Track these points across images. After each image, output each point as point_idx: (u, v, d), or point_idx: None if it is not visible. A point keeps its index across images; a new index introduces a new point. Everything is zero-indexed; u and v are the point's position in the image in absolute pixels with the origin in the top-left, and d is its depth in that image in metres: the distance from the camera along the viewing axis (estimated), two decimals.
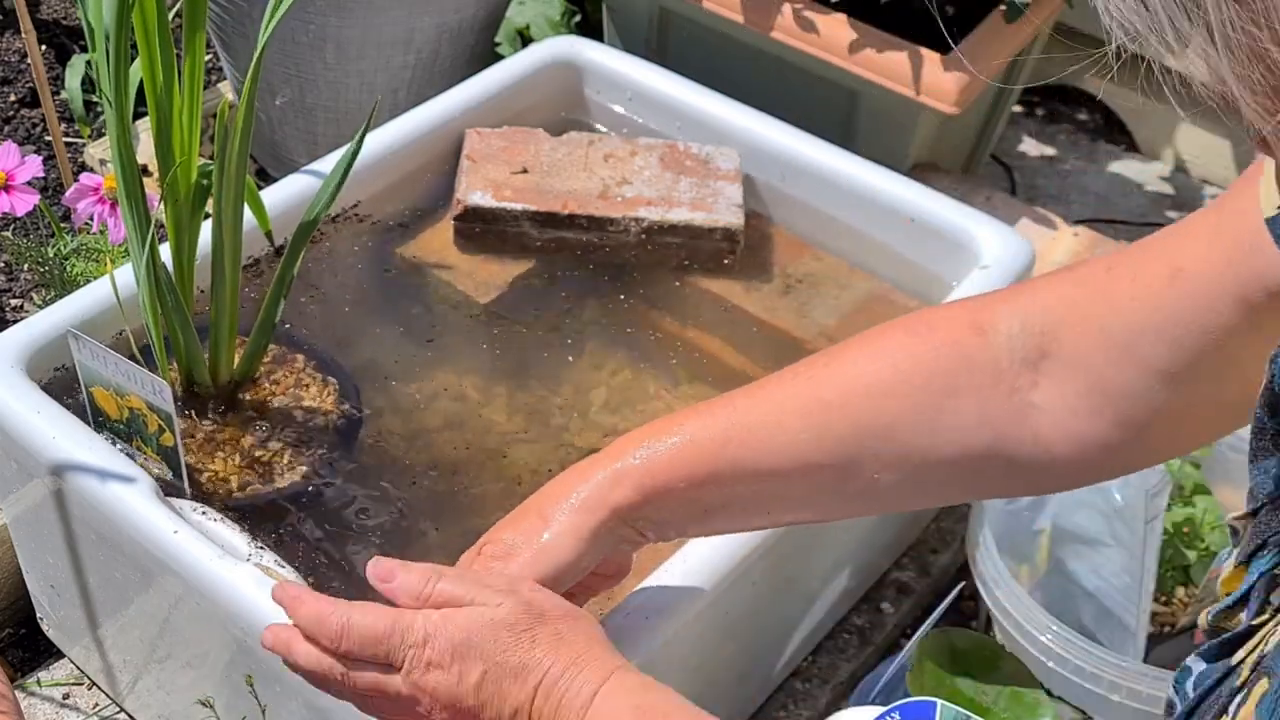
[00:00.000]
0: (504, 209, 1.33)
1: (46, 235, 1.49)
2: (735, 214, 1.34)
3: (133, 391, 1.01)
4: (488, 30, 1.72)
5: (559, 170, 1.37)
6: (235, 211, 1.03)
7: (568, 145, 1.40)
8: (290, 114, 1.68)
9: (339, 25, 1.58)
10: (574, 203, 1.34)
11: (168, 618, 1.05)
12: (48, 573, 1.18)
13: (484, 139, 1.38)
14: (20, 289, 1.56)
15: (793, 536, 1.05)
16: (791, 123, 1.40)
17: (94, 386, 1.04)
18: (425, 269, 1.31)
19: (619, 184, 1.36)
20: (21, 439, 1.05)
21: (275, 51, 1.62)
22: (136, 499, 1.00)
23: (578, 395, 1.20)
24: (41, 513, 1.09)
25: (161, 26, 0.96)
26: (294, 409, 1.13)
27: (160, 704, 1.16)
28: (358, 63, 1.62)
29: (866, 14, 1.63)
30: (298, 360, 1.18)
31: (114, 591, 1.10)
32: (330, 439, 1.12)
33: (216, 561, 0.96)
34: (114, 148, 0.99)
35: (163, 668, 1.12)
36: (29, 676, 1.26)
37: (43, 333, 1.11)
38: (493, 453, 1.15)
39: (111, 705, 1.24)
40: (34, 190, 1.26)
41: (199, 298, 1.12)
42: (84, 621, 1.17)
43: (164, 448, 1.03)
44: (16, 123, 1.82)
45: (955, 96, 1.58)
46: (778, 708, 1.26)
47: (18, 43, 1.90)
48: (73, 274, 1.33)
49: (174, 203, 1.03)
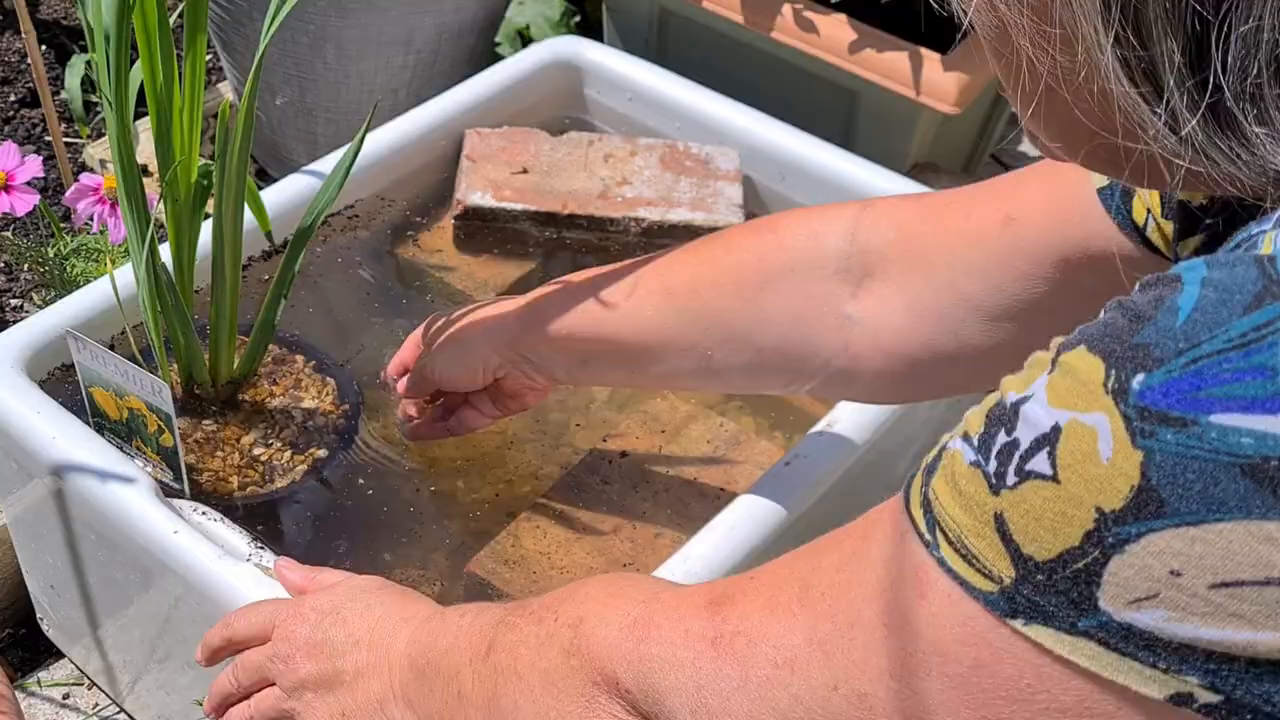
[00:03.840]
0: (504, 209, 1.33)
1: (46, 235, 1.49)
2: (735, 214, 1.34)
3: (132, 392, 1.01)
4: (488, 30, 1.72)
5: (559, 170, 1.37)
6: (235, 212, 1.03)
7: (568, 145, 1.40)
8: (290, 114, 1.68)
9: (339, 25, 1.58)
10: (574, 203, 1.34)
11: (168, 618, 1.05)
12: (48, 573, 1.18)
13: (484, 139, 1.38)
14: (20, 289, 1.56)
15: (793, 535, 1.05)
16: (791, 123, 1.40)
17: (93, 387, 1.04)
18: (425, 269, 1.31)
19: (619, 184, 1.36)
20: (21, 439, 1.05)
21: (275, 51, 1.62)
22: (136, 499, 1.00)
23: (579, 393, 1.20)
24: (41, 513, 1.09)
25: (162, 27, 0.96)
26: (293, 409, 1.13)
27: (160, 704, 1.16)
28: (358, 63, 1.62)
29: (866, 14, 1.63)
30: (297, 360, 1.18)
31: (114, 591, 1.10)
32: (329, 439, 1.12)
33: (216, 561, 0.96)
34: (114, 148, 0.99)
35: (163, 668, 1.12)
36: (29, 676, 1.26)
37: (43, 333, 1.11)
38: (493, 451, 1.15)
39: (111, 705, 1.24)
40: (34, 190, 1.26)
41: (199, 297, 1.12)
42: (84, 621, 1.17)
43: (163, 448, 1.03)
44: (16, 123, 1.82)
45: (955, 96, 1.58)
46: None
47: (18, 43, 1.90)
48: (73, 274, 1.33)
49: (174, 203, 1.03)
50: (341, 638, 0.82)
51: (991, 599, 0.49)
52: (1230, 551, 0.44)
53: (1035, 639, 0.48)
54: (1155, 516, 0.45)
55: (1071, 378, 0.48)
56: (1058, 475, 0.47)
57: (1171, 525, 0.45)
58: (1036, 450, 0.48)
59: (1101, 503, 0.46)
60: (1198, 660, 0.46)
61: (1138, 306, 0.48)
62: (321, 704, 0.82)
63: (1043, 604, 0.48)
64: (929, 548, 0.52)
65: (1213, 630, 0.45)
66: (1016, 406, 0.50)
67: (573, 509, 1.11)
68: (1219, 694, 0.46)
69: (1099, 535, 0.46)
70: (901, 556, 0.53)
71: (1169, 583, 0.45)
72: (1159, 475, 0.45)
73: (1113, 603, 0.47)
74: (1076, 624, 0.47)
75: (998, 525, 0.49)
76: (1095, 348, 0.48)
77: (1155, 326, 0.46)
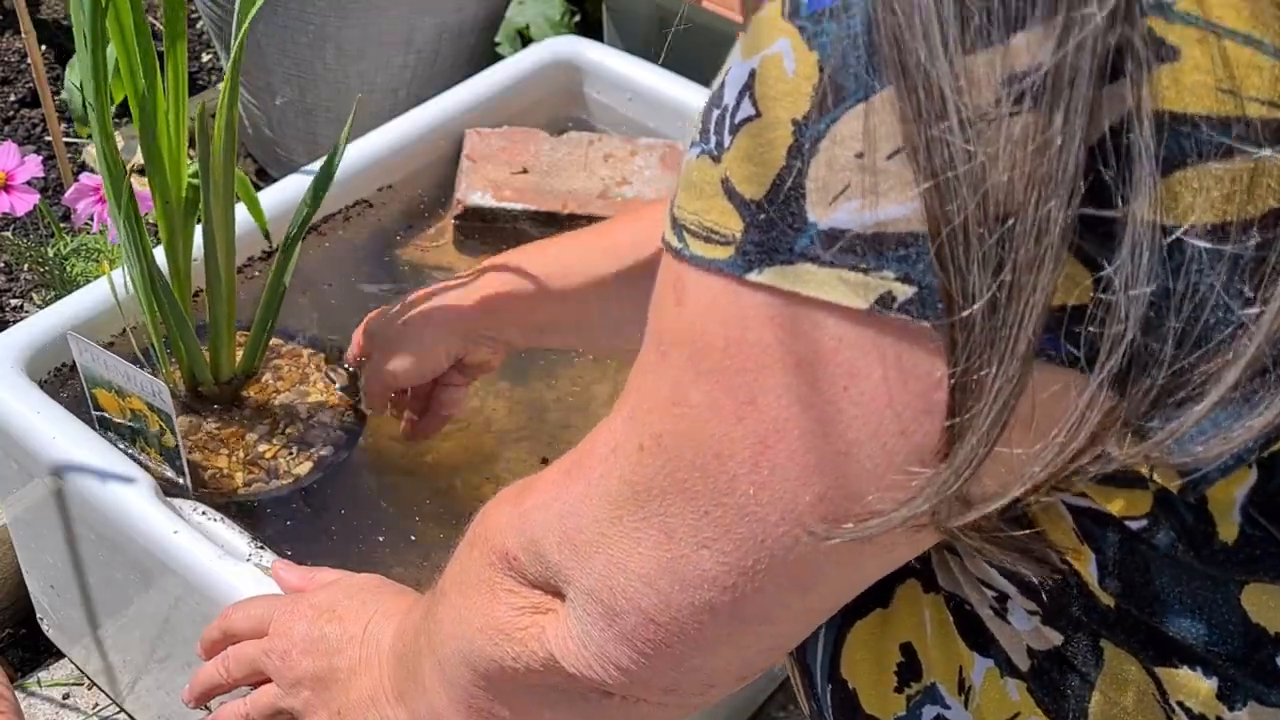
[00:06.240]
0: (504, 209, 1.33)
1: (46, 235, 1.49)
2: None
3: (133, 392, 1.01)
4: (488, 30, 1.72)
5: (559, 170, 1.37)
6: (226, 212, 1.03)
7: (568, 145, 1.39)
8: (290, 114, 1.68)
9: (339, 25, 1.58)
10: (574, 203, 1.34)
11: (168, 618, 1.05)
12: (48, 573, 1.18)
13: (484, 139, 1.38)
14: (20, 289, 1.56)
15: None
16: None
17: (96, 388, 1.04)
18: (425, 269, 1.31)
19: (619, 184, 1.36)
20: (21, 439, 1.05)
21: (275, 51, 1.62)
22: (136, 499, 1.00)
23: (581, 392, 1.20)
24: (41, 513, 1.09)
25: (139, 28, 0.96)
26: (299, 404, 1.14)
27: (160, 704, 1.16)
28: (358, 63, 1.62)
29: None
30: (303, 354, 1.18)
31: (114, 591, 1.10)
32: (334, 434, 1.12)
33: (216, 561, 0.96)
34: (98, 150, 0.99)
35: (163, 668, 1.12)
36: (29, 676, 1.26)
37: (43, 333, 1.11)
38: (494, 450, 1.15)
39: (111, 705, 1.24)
40: (34, 190, 1.26)
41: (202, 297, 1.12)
42: (84, 621, 1.17)
43: (166, 448, 1.03)
44: (16, 123, 1.82)
45: None
46: (778, 708, 1.26)
47: (18, 43, 1.90)
48: (73, 274, 1.33)
49: (165, 204, 1.03)
50: (337, 635, 0.82)
51: (729, 262, 0.50)
52: (901, 115, 0.45)
53: (767, 283, 0.49)
54: (836, 105, 0.46)
55: (754, 26, 0.49)
56: (758, 109, 0.49)
57: (848, 107, 0.46)
58: (740, 101, 0.50)
59: (795, 113, 0.47)
60: (890, 249, 0.47)
61: None
62: (319, 701, 0.82)
63: (766, 241, 0.49)
64: (679, 254, 0.52)
65: (895, 207, 0.46)
66: (721, 82, 0.51)
67: None
68: (912, 285, 0.47)
69: (798, 145, 0.47)
70: (664, 279, 0.54)
71: (855, 166, 0.46)
72: (831, 66, 0.46)
73: (816, 209, 0.47)
74: (794, 248, 0.48)
75: (724, 188, 0.50)
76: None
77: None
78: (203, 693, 0.90)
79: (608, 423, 0.60)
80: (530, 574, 0.65)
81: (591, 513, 0.60)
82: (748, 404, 0.52)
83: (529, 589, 0.66)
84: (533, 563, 0.65)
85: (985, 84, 0.44)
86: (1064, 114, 0.43)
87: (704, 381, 0.53)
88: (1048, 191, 0.44)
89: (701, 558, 0.56)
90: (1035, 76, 0.43)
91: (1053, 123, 0.43)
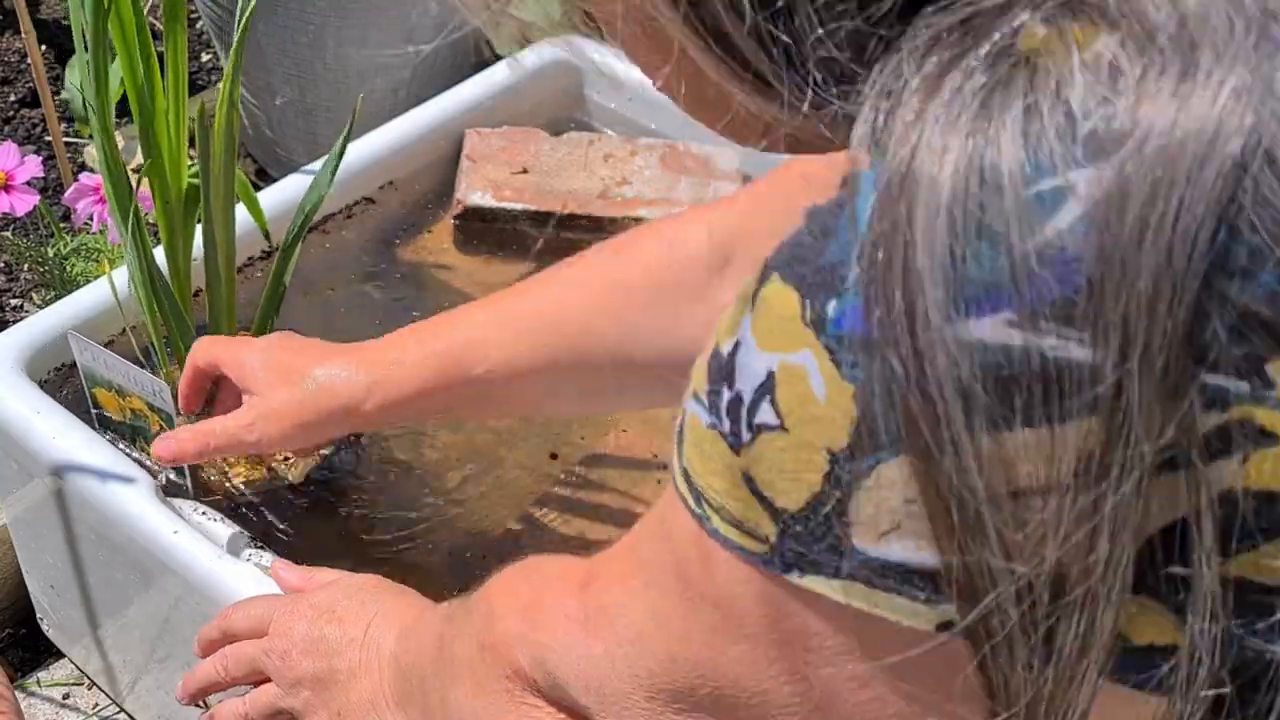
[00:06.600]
0: (504, 209, 1.33)
1: (46, 235, 1.49)
2: None
3: (133, 392, 1.01)
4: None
5: (559, 170, 1.37)
6: (226, 212, 1.03)
7: (568, 145, 1.39)
8: (290, 114, 1.68)
9: (339, 25, 1.58)
10: (574, 203, 1.34)
11: (168, 618, 1.05)
12: (48, 573, 1.18)
13: (484, 139, 1.38)
14: (20, 289, 1.56)
15: None
16: None
17: (96, 388, 1.04)
18: (425, 269, 1.31)
19: (619, 184, 1.36)
20: (21, 439, 1.04)
21: (275, 51, 1.62)
22: (136, 499, 1.00)
23: None
24: (41, 513, 1.09)
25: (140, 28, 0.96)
26: None
27: (160, 704, 1.16)
28: (358, 63, 1.62)
29: None
30: None
31: (114, 591, 1.10)
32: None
33: (216, 561, 0.96)
34: (98, 150, 0.99)
35: (163, 668, 1.12)
36: (29, 676, 1.26)
37: (43, 333, 1.11)
38: (493, 450, 1.15)
39: (111, 705, 1.24)
40: (34, 190, 1.26)
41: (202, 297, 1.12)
42: (84, 621, 1.17)
43: None
44: (16, 123, 1.82)
45: None
46: None
47: (18, 43, 1.90)
48: (73, 274, 1.33)
49: (165, 204, 1.03)
50: (337, 636, 0.82)
51: (765, 559, 0.49)
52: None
53: (811, 588, 0.48)
54: (875, 450, 0.44)
55: (771, 315, 0.46)
56: (784, 424, 0.46)
57: (889, 459, 0.44)
58: (759, 401, 0.46)
59: (829, 443, 0.45)
60: (948, 588, 0.45)
61: (823, 217, 0.46)
62: (319, 701, 0.82)
63: (807, 553, 0.47)
64: (701, 521, 0.51)
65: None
66: (731, 357, 0.48)
67: (572, 510, 1.10)
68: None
69: (835, 475, 0.45)
70: (686, 529, 0.52)
71: (908, 511, 0.44)
72: (867, 409, 0.44)
73: (864, 539, 0.45)
74: (840, 567, 0.47)
75: (748, 484, 0.48)
76: (787, 276, 0.46)
77: (839, 242, 0.45)
78: (198, 689, 0.90)
79: (627, 574, 0.59)
80: (550, 695, 0.66)
81: (619, 687, 0.59)
82: (800, 678, 0.51)
83: (552, 708, 0.66)
84: (551, 688, 0.65)
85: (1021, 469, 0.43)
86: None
87: (746, 645, 0.52)
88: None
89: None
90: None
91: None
